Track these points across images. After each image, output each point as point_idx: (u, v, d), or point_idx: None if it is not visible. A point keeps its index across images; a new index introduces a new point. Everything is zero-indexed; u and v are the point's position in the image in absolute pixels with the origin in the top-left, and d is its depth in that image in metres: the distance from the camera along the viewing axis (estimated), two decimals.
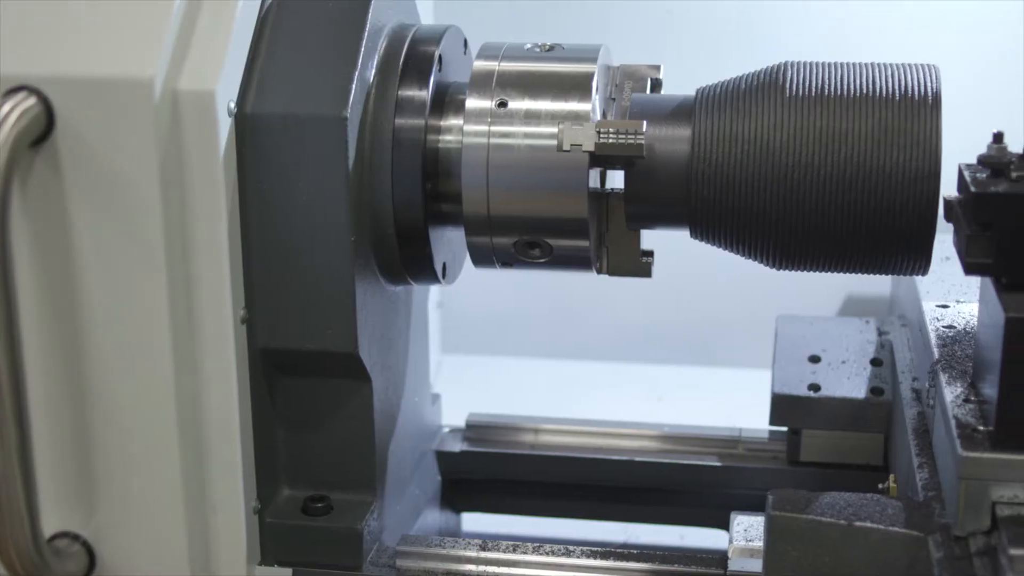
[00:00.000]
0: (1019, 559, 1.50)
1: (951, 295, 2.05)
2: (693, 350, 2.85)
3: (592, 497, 2.40)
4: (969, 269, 1.65)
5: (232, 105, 1.78)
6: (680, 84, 1.96)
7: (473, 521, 2.51)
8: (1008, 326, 1.57)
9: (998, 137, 1.66)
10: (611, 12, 2.68)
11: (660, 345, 2.87)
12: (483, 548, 1.98)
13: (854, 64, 1.84)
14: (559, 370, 2.87)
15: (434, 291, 2.65)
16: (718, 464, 2.30)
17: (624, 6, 2.68)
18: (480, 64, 1.91)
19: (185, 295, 1.78)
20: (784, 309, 2.49)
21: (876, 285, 2.57)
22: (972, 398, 1.71)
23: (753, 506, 1.96)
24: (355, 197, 1.83)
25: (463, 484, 2.38)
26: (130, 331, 1.77)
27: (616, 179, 1.93)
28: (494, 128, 1.85)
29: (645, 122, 1.82)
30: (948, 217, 1.73)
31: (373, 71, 1.89)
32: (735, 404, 2.54)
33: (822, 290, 2.70)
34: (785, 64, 1.84)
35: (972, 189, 1.63)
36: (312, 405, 1.97)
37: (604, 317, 2.88)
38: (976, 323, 1.79)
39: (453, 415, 2.44)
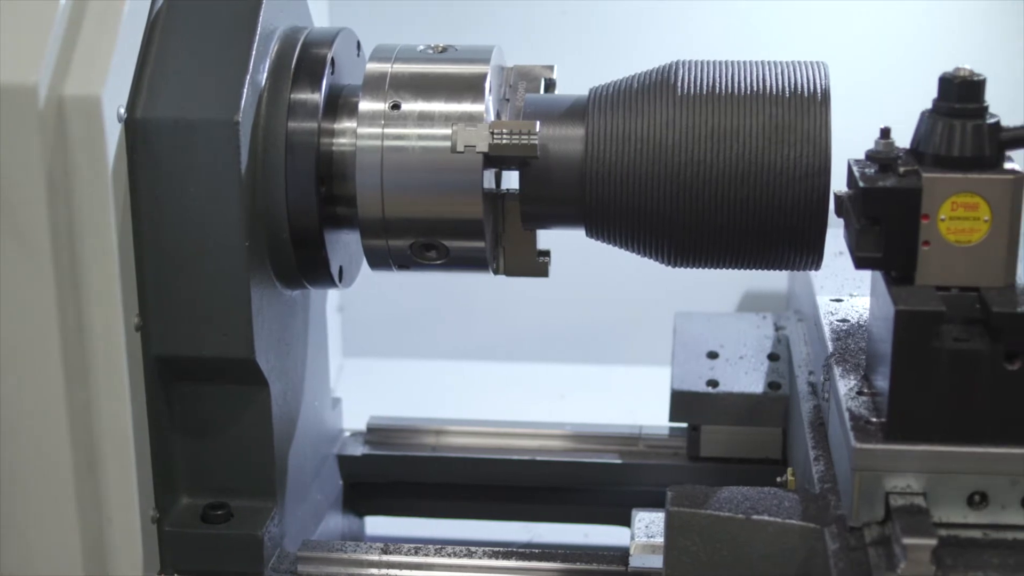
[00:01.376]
0: (912, 548, 1.51)
1: (845, 289, 2.07)
2: (594, 349, 2.86)
3: (495, 498, 2.40)
4: (859, 263, 1.68)
5: (122, 110, 1.76)
6: (576, 84, 1.96)
7: (377, 525, 2.50)
8: (898, 319, 1.59)
9: (885, 132, 1.68)
10: (506, 13, 2.68)
11: (561, 344, 2.87)
12: (385, 551, 1.97)
13: (745, 62, 1.86)
14: (462, 371, 2.86)
15: (334, 294, 2.64)
16: (619, 462, 2.31)
17: (519, 7, 2.69)
18: (373, 66, 1.90)
19: (75, 304, 1.76)
20: (683, 306, 2.51)
21: (774, 280, 2.59)
22: (865, 390, 1.73)
23: (655, 502, 1.96)
24: (248, 202, 1.82)
25: (365, 488, 2.37)
26: (19, 342, 1.75)
27: (511, 179, 1.93)
28: (388, 130, 1.85)
29: (538, 122, 1.82)
30: (839, 212, 1.75)
31: (265, 74, 1.87)
32: (636, 401, 2.56)
33: (721, 286, 2.72)
34: (677, 63, 1.86)
35: (860, 184, 1.65)
36: (210, 412, 1.95)
37: (506, 317, 2.88)
38: (868, 316, 1.81)
39: (356, 419, 2.43)
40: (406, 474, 2.37)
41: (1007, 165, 1.66)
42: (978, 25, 2.62)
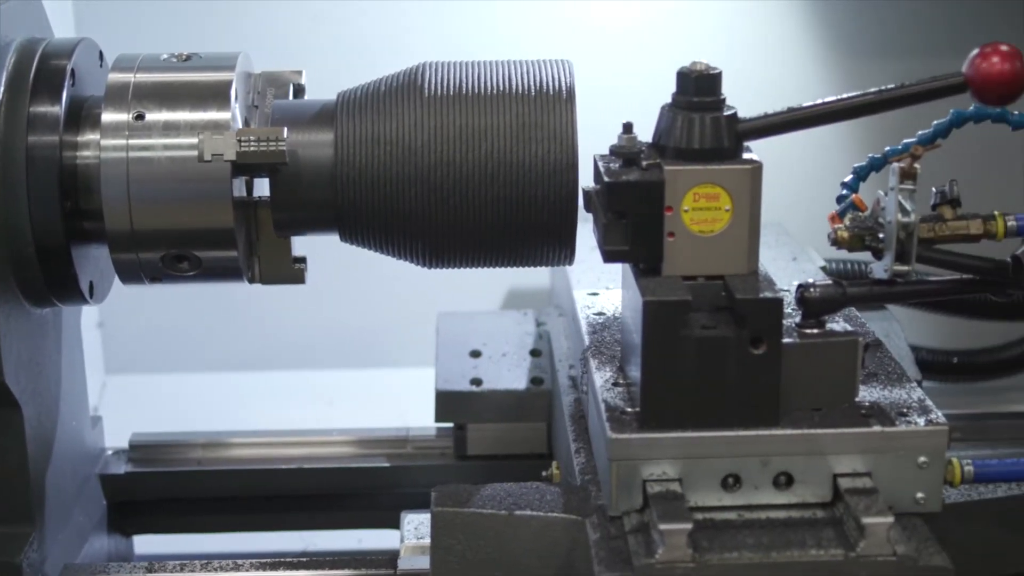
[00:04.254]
0: (669, 533, 1.54)
1: (601, 282, 2.11)
2: (359, 353, 2.85)
3: (267, 509, 2.38)
4: (607, 257, 1.71)
5: None
6: (327, 89, 1.95)
7: (151, 543, 2.45)
8: (646, 309, 1.62)
9: (627, 127, 1.72)
10: (256, 18, 2.66)
11: (327, 350, 2.86)
12: (150, 570, 1.94)
13: (491, 62, 1.87)
14: (228, 383, 2.83)
15: (93, 310, 2.59)
16: (387, 465, 2.31)
17: (269, 12, 2.66)
18: (115, 76, 1.86)
19: None
20: (447, 306, 2.52)
21: (536, 277, 2.62)
22: (620, 381, 1.76)
23: (425, 503, 1.95)
24: None
25: (130, 506, 2.32)
26: None
27: (264, 187, 1.91)
28: (132, 141, 1.81)
29: (286, 128, 1.80)
30: (587, 207, 1.77)
31: (1, 88, 1.82)
32: (405, 403, 2.56)
33: (484, 285, 2.74)
34: (423, 65, 1.86)
35: (605, 179, 1.68)
36: None
37: (270, 326, 2.86)
38: (621, 309, 1.84)
39: (120, 437, 2.38)
40: (172, 490, 2.33)
41: (745, 155, 1.71)
42: (717, 20, 2.70)
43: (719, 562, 1.56)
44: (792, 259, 2.34)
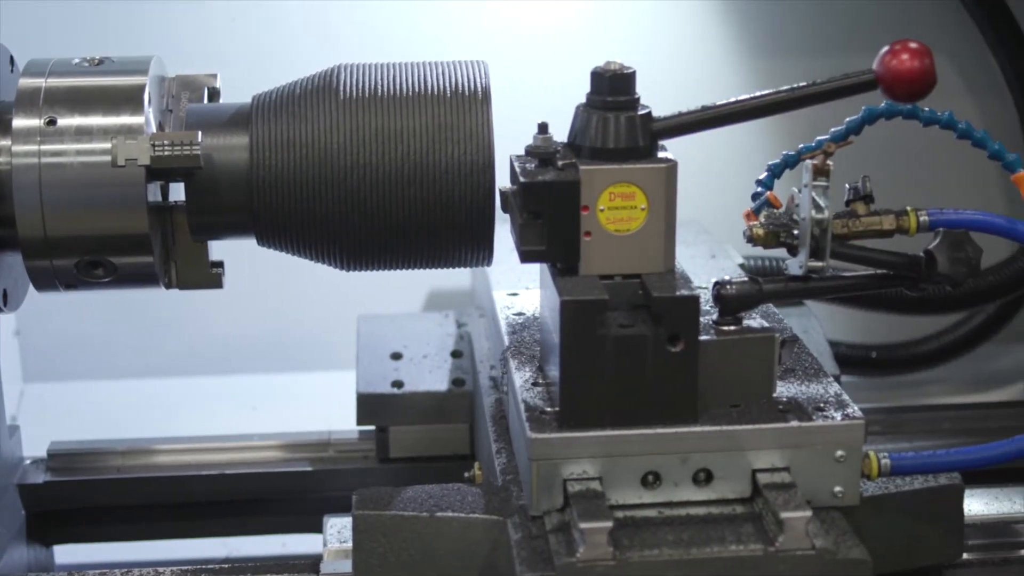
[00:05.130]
0: (589, 531, 1.55)
1: (522, 283, 2.11)
2: (281, 357, 2.84)
3: (189, 516, 2.36)
4: (524, 257, 1.71)
5: None
6: (246, 93, 1.94)
7: (68, 553, 2.42)
8: (563, 309, 1.62)
9: (543, 128, 1.72)
10: (173, 22, 2.64)
11: (248, 355, 2.84)
12: None
13: (406, 64, 1.87)
14: (149, 389, 2.81)
15: (9, 318, 2.56)
16: (310, 469, 2.30)
17: (187, 15, 2.64)
18: (25, 82, 1.84)
19: None
20: (370, 309, 2.51)
21: (458, 278, 2.62)
22: (540, 381, 1.76)
23: (348, 507, 1.96)
24: None
25: (50, 516, 2.29)
26: None
27: (180, 191, 1.89)
28: (44, 147, 1.79)
29: (200, 132, 1.79)
30: (504, 208, 1.77)
31: None
32: (329, 407, 2.54)
33: (406, 287, 2.74)
34: (339, 67, 1.86)
35: (521, 179, 1.68)
36: None
37: (190, 331, 2.84)
38: (540, 309, 1.85)
39: (38, 446, 2.35)
40: (92, 499, 2.31)
41: (660, 154, 1.72)
42: (633, 20, 2.71)
43: (639, 559, 1.57)
44: (711, 257, 2.35)
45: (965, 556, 1.91)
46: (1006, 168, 1.74)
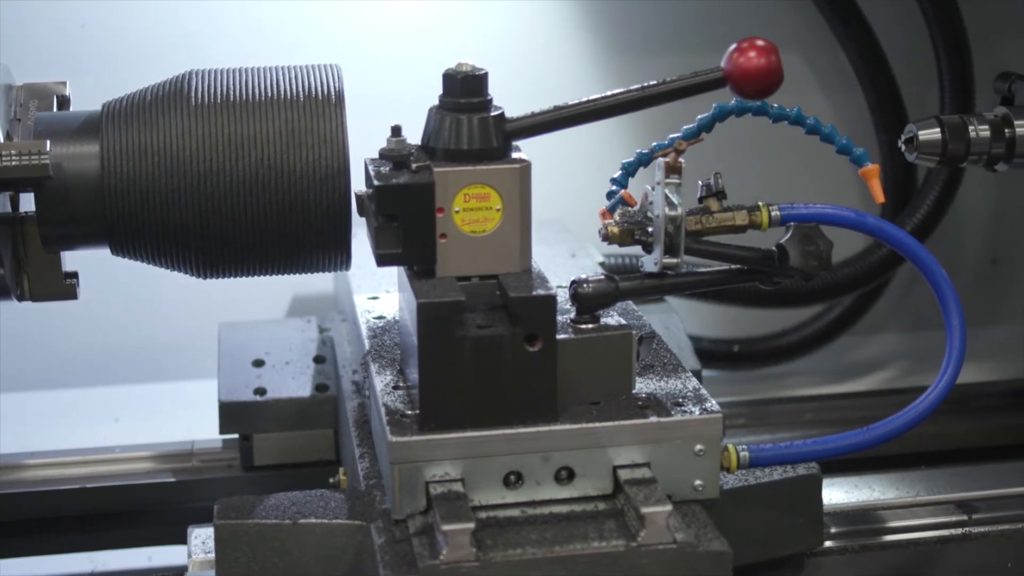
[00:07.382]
0: (452, 533, 1.55)
1: (382, 286, 2.11)
2: (142, 367, 2.80)
3: (52, 530, 2.32)
4: (381, 260, 1.71)
5: None
6: (97, 101, 1.91)
7: None
8: (420, 311, 1.62)
9: (396, 131, 1.72)
10: (21, 28, 2.59)
11: (109, 366, 2.80)
12: None
13: (259, 68, 1.86)
14: (8, 404, 2.75)
15: None
16: (173, 480, 2.28)
17: (37, 22, 2.60)
18: None
19: None
20: (232, 316, 2.49)
21: (321, 283, 2.60)
22: (401, 384, 1.76)
23: (212, 517, 1.95)
24: None
25: None
26: None
27: (30, 201, 1.86)
28: None
29: (49, 141, 1.76)
30: (361, 211, 1.77)
31: None
32: (193, 416, 2.52)
33: (268, 293, 2.72)
34: (189, 73, 1.84)
35: (375, 182, 1.68)
36: None
37: (48, 344, 2.78)
38: (399, 312, 1.84)
39: None
40: None
41: (514, 155, 1.73)
42: (485, 20, 2.72)
43: (503, 559, 1.57)
44: (571, 256, 2.37)
45: (827, 544, 1.95)
46: (854, 162, 1.77)
